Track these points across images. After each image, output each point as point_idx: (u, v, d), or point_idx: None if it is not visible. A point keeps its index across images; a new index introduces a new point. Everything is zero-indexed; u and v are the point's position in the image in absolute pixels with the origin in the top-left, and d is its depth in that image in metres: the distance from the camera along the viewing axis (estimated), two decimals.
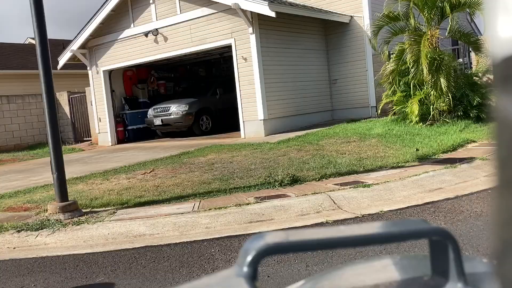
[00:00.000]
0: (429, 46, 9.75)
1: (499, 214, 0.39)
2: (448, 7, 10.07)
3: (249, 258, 0.62)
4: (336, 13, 13.27)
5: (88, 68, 15.35)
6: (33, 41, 20.30)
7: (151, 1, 13.41)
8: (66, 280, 3.90)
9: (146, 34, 13.56)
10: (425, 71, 9.51)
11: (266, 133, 11.62)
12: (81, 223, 5.35)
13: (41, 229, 5.23)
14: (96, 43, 14.82)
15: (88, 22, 14.33)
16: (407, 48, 10.04)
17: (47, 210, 5.85)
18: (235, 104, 12.41)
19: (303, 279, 0.89)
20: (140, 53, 13.95)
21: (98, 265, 4.19)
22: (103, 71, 14.96)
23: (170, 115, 14.11)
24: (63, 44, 16.13)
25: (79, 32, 14.59)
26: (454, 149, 7.83)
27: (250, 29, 11.52)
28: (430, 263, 0.75)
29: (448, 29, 10.36)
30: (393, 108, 10.86)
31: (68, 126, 17.59)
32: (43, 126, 15.87)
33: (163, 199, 6.14)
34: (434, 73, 9.76)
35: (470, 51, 11.51)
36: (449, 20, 10.21)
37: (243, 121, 12.01)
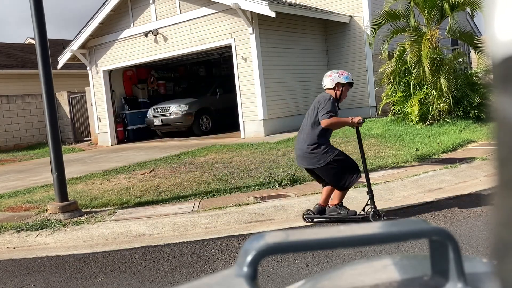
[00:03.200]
0: (429, 46, 9.75)
1: (499, 214, 0.39)
2: (447, 7, 10.07)
3: (249, 258, 0.62)
4: (336, 13, 13.27)
5: (88, 68, 15.35)
6: (33, 41, 20.30)
7: (151, 1, 13.41)
8: (66, 280, 3.90)
9: (146, 34, 13.56)
10: (427, 71, 9.51)
11: (266, 133, 11.62)
12: (81, 223, 5.35)
13: (41, 229, 5.23)
14: (96, 43, 14.82)
15: (88, 22, 14.33)
16: (407, 48, 10.04)
17: (47, 210, 5.85)
18: (235, 104, 12.41)
19: (303, 279, 0.89)
20: (140, 53, 13.95)
21: (98, 265, 4.18)
22: (103, 71, 14.95)
23: (170, 115, 14.11)
24: (63, 44, 16.12)
25: (79, 32, 14.59)
26: (454, 149, 7.83)
27: (250, 29, 11.53)
28: (430, 263, 0.75)
29: (447, 28, 10.36)
30: (393, 108, 10.86)
31: (68, 126, 17.58)
32: (43, 126, 15.88)
33: (163, 199, 6.14)
34: (434, 73, 9.76)
35: (470, 51, 11.51)
36: (449, 20, 10.21)
37: (243, 121, 12.01)
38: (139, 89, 16.31)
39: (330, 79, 4.94)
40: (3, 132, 17.08)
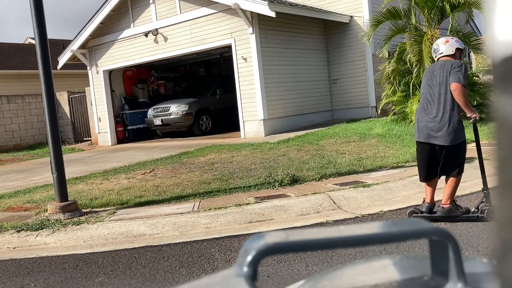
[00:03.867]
0: (430, 46, 9.75)
1: (499, 214, 0.39)
2: (448, 7, 10.07)
3: (249, 258, 0.62)
4: (336, 13, 13.27)
5: (88, 68, 15.35)
6: (33, 41, 20.30)
7: (151, 1, 13.40)
8: (66, 280, 3.90)
9: (146, 34, 13.56)
10: None
11: (266, 133, 11.62)
12: (81, 223, 5.35)
13: (41, 229, 5.23)
14: (96, 43, 14.82)
15: (88, 22, 14.33)
16: (408, 48, 10.04)
17: (47, 210, 5.85)
18: (235, 104, 12.41)
19: (303, 279, 0.89)
20: (140, 53, 13.95)
21: (98, 265, 4.19)
22: (103, 71, 14.95)
23: (170, 115, 14.11)
24: (63, 44, 16.12)
25: (79, 32, 14.59)
26: None
27: (250, 29, 11.52)
28: (430, 263, 0.75)
29: (449, 29, 10.36)
30: (393, 108, 10.86)
31: (68, 126, 17.58)
32: (43, 126, 15.88)
33: (163, 199, 6.14)
34: None
35: (470, 51, 11.51)
36: (450, 20, 10.21)
37: (243, 121, 12.01)
38: (139, 89, 16.31)
39: (448, 45, 4.50)
40: (3, 132, 17.08)
